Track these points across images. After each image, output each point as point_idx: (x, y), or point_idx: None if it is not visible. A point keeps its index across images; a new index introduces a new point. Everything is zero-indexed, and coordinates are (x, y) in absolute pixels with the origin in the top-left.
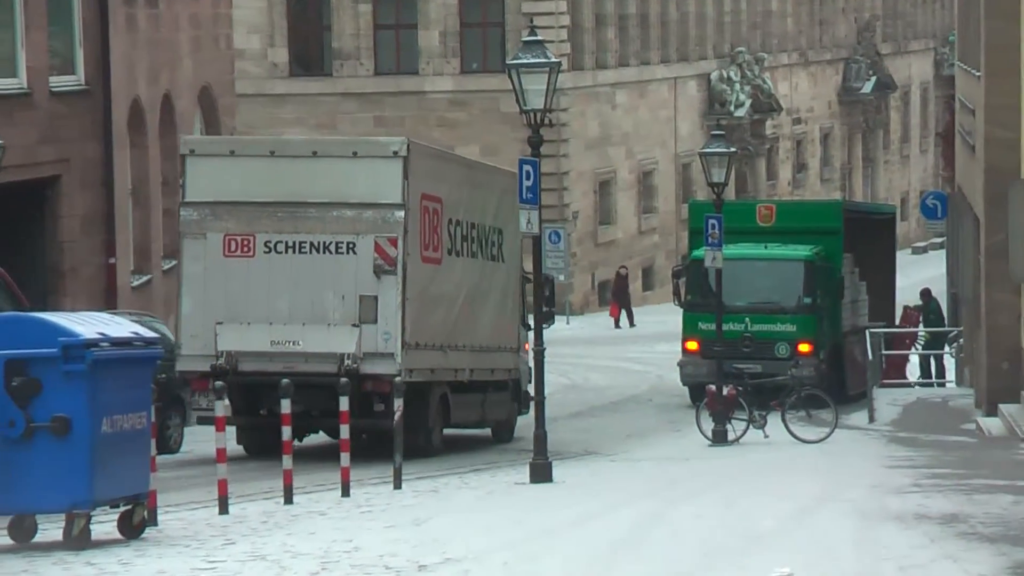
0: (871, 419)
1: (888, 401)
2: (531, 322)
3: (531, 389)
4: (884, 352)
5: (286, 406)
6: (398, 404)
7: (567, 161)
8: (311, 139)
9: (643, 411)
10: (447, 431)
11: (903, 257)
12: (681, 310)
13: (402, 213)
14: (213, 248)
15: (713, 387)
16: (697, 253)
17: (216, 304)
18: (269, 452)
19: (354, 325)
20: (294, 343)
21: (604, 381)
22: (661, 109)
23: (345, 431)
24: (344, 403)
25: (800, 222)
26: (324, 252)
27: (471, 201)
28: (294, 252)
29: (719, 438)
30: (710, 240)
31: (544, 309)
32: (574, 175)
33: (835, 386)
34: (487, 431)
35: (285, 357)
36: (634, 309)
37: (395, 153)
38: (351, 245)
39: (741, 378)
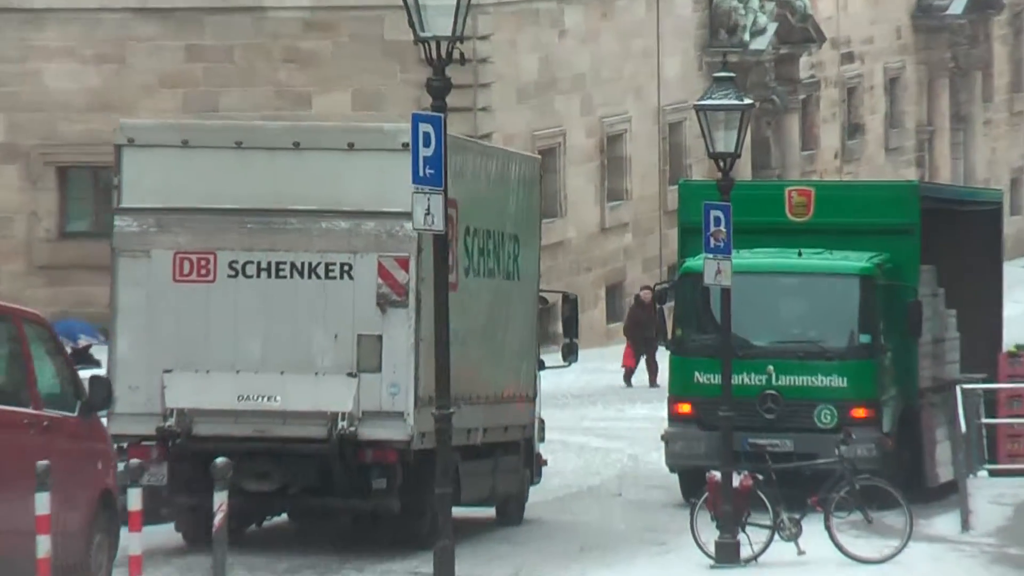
0: (965, 526)
1: (992, 497)
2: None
3: (542, 449)
4: (985, 420)
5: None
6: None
7: (488, 118)
8: (291, 126)
9: (607, 511)
10: None
11: (1014, 271)
12: (667, 352)
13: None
14: (159, 270)
15: (717, 475)
16: (692, 264)
17: (164, 346)
18: (239, 540)
19: (350, 375)
20: (269, 398)
21: (551, 463)
22: (635, 37)
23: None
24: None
25: (853, 216)
26: (310, 276)
27: (488, 201)
28: (269, 276)
29: (726, 556)
30: (712, 243)
31: (567, 341)
32: (500, 138)
33: (908, 473)
34: (489, 510)
35: (257, 417)
36: (597, 350)
37: (405, 145)
38: (346, 268)
39: (762, 460)
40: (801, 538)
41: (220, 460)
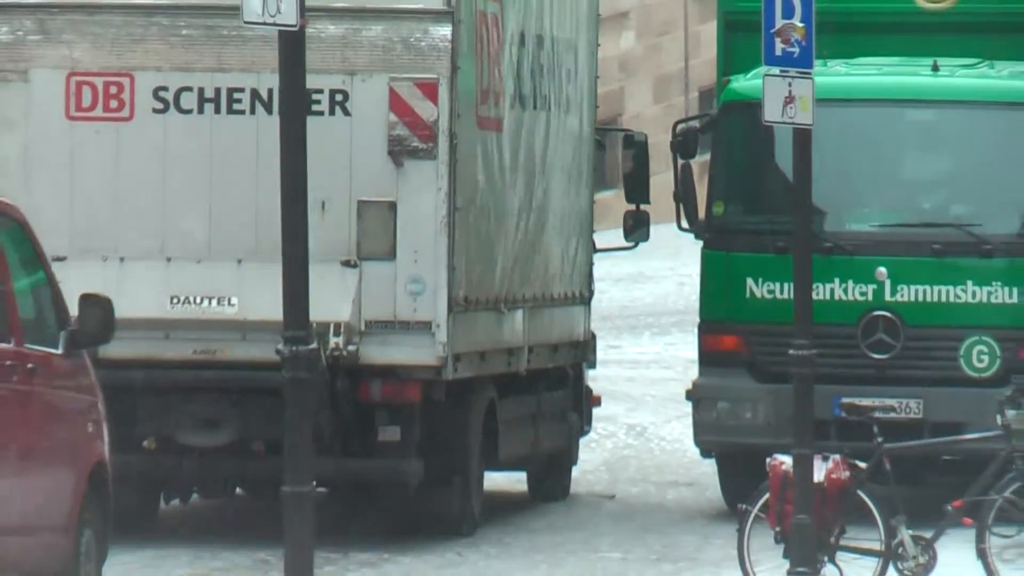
0: None
1: None
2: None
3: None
4: None
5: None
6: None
7: None
8: None
9: (590, 523)
10: None
11: None
12: (695, 241)
13: (447, 30)
14: (44, 102)
15: (786, 461)
16: (741, 85)
17: (52, 221)
18: (148, 523)
19: (347, 264)
20: (220, 302)
21: None
22: None
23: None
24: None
25: None
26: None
27: None
28: (217, 111)
29: None
30: (779, 48)
31: (633, 208)
32: None
33: None
34: (518, 475)
35: (200, 331)
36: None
37: None
38: (338, 98)
39: (866, 436)
40: (935, 565)
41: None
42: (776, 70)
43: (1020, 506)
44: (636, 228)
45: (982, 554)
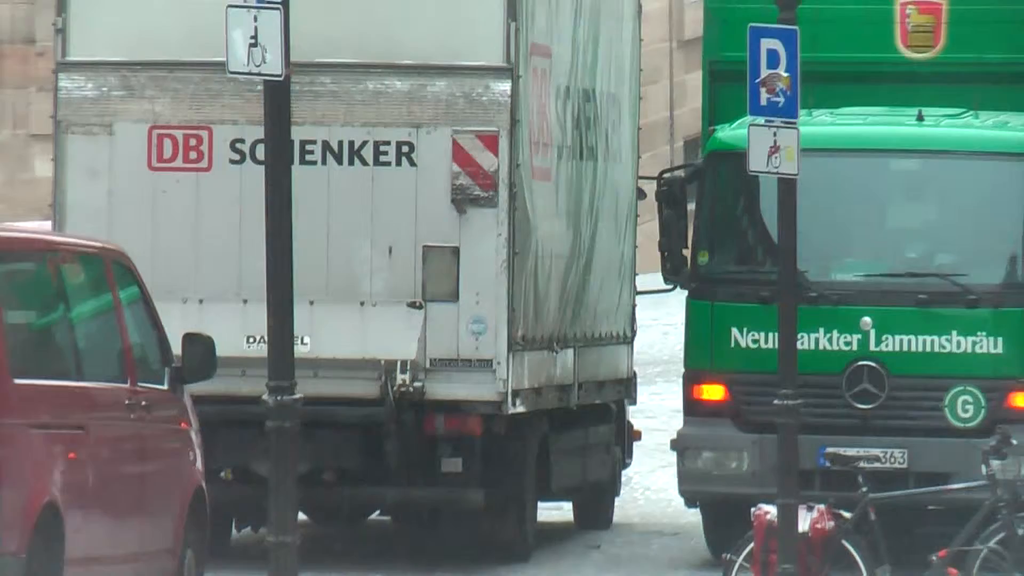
0: None
1: None
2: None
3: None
4: None
5: None
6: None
7: None
8: None
9: (583, 568)
10: None
11: None
12: (679, 293)
13: (507, 85)
14: (127, 154)
15: (771, 511)
16: (727, 135)
17: (137, 264)
18: (221, 548)
19: (413, 305)
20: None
21: None
22: None
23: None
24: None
25: (1016, 49)
26: (351, 162)
27: (589, 45)
28: (292, 161)
29: None
30: (764, 98)
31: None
32: None
33: None
34: (563, 506)
35: None
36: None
37: None
38: (405, 149)
39: (851, 485)
40: None
41: None
42: (761, 120)
43: (1005, 556)
44: (673, 272)
45: None
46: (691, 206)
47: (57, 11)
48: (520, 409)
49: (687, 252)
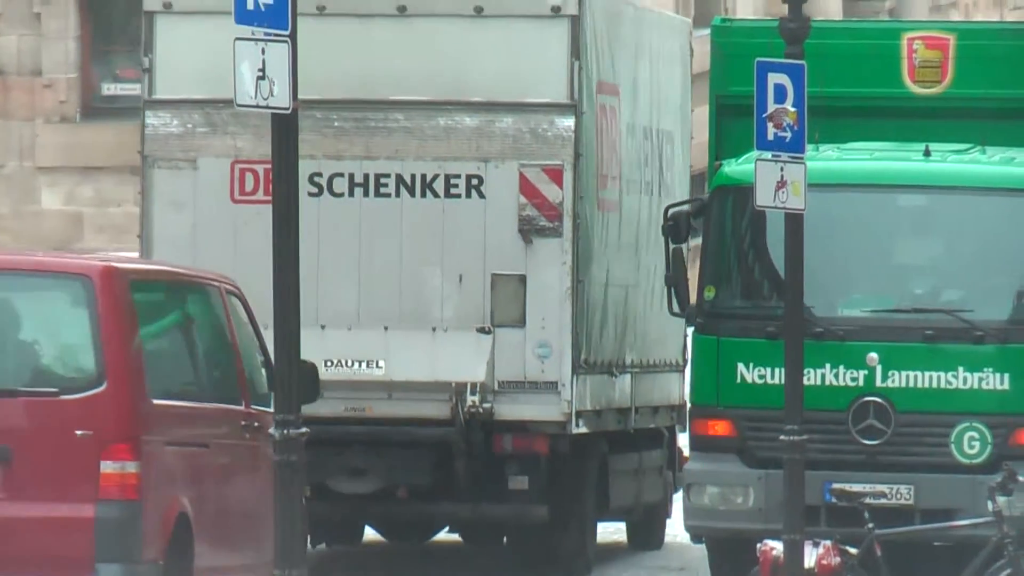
0: None
1: None
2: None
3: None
4: None
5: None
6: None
7: None
8: None
9: None
10: None
11: None
12: (684, 325)
13: (571, 121)
14: (211, 187)
15: (777, 547)
16: (733, 170)
17: None
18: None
19: (482, 331)
20: (368, 365)
21: None
22: None
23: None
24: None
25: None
26: (423, 194)
27: (648, 85)
28: (365, 194)
29: None
30: (771, 133)
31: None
32: None
33: None
34: (616, 526)
35: (351, 391)
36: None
37: (556, 10)
38: (474, 182)
39: (857, 522)
40: None
41: None
42: (768, 155)
43: None
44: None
45: None
46: (697, 241)
47: (143, 52)
48: (583, 429)
49: (694, 287)
